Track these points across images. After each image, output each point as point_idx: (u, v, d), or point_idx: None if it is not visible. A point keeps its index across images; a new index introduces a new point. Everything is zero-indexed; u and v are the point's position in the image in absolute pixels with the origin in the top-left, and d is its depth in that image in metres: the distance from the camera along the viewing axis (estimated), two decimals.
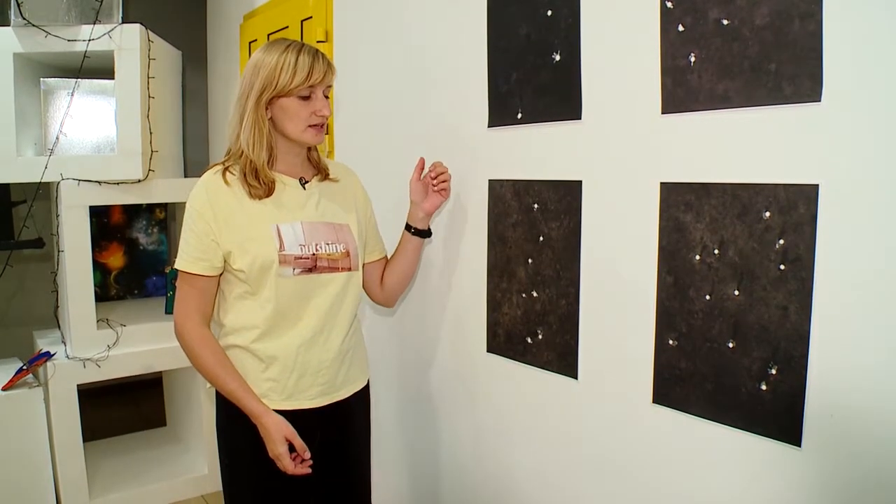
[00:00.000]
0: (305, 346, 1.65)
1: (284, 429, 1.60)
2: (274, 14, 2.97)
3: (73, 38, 2.78)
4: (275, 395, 1.65)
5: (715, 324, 1.34)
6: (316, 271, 1.64)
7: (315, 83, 1.59)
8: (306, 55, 1.58)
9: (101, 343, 2.93)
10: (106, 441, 3.59)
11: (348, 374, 1.77)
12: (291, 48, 1.58)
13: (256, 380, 1.64)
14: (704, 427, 1.38)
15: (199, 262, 1.60)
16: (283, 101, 1.59)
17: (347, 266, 1.70)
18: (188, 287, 1.63)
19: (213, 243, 1.59)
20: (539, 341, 1.74)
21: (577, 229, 1.61)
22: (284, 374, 1.64)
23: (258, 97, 1.58)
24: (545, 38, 1.65)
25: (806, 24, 1.15)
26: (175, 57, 3.47)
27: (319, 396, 1.70)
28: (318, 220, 1.68)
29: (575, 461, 1.68)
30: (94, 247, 3.15)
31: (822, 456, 1.19)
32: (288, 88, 1.56)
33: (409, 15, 2.14)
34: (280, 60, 1.56)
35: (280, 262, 1.59)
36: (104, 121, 2.99)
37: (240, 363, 1.65)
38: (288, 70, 1.55)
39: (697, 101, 1.33)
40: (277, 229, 1.61)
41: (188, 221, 1.62)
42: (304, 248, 1.63)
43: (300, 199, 1.68)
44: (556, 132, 1.65)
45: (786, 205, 1.20)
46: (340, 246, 1.69)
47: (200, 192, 1.62)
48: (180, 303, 1.64)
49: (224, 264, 1.63)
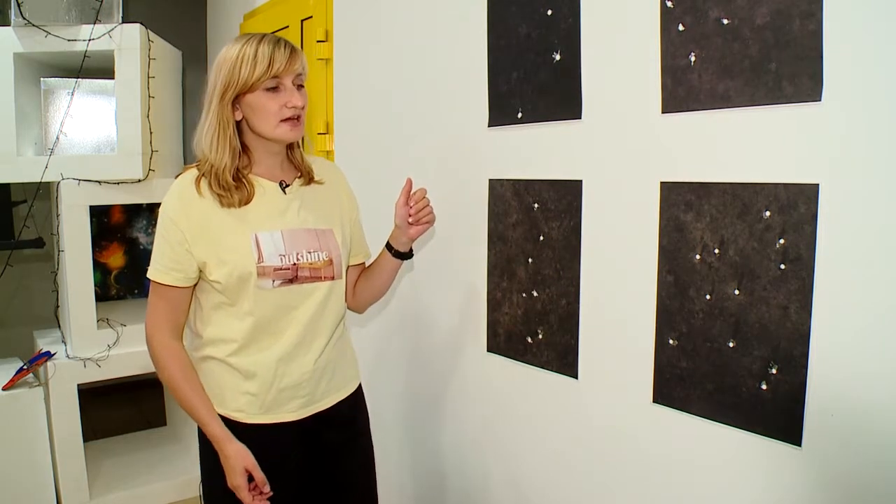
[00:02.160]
0: (285, 360, 1.56)
1: (245, 459, 1.51)
2: (274, 14, 2.97)
3: (74, 38, 2.78)
4: (252, 409, 1.57)
5: (715, 323, 1.34)
6: (297, 282, 1.55)
7: (279, 72, 1.47)
8: (267, 45, 1.48)
9: (102, 343, 2.93)
10: (106, 441, 3.60)
11: (331, 383, 1.67)
12: (251, 40, 1.48)
13: (233, 393, 1.56)
14: (705, 427, 1.38)
15: (171, 272, 1.52)
16: (249, 97, 1.48)
17: (330, 275, 1.61)
18: (159, 298, 1.55)
19: (186, 253, 1.51)
20: (539, 341, 1.74)
21: (578, 229, 1.61)
22: (263, 388, 1.56)
23: (221, 96, 1.48)
24: (545, 37, 1.65)
25: (806, 24, 1.15)
26: (175, 57, 3.47)
27: (300, 409, 1.61)
28: (299, 226, 1.58)
29: (575, 460, 1.68)
30: (95, 246, 3.15)
31: (822, 455, 1.19)
32: (251, 82, 1.46)
33: (409, 14, 2.14)
34: (240, 54, 1.47)
35: (259, 274, 1.50)
36: (104, 120, 2.99)
37: (216, 376, 1.58)
38: (248, 62, 1.46)
39: (698, 101, 1.33)
40: (256, 239, 1.52)
41: (160, 229, 1.53)
42: (284, 258, 1.54)
43: (280, 205, 1.58)
44: (556, 132, 1.65)
45: (786, 204, 1.20)
46: (323, 254, 1.59)
47: (173, 199, 1.53)
48: (151, 314, 1.56)
49: (199, 274, 1.54)
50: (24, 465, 2.74)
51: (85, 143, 2.98)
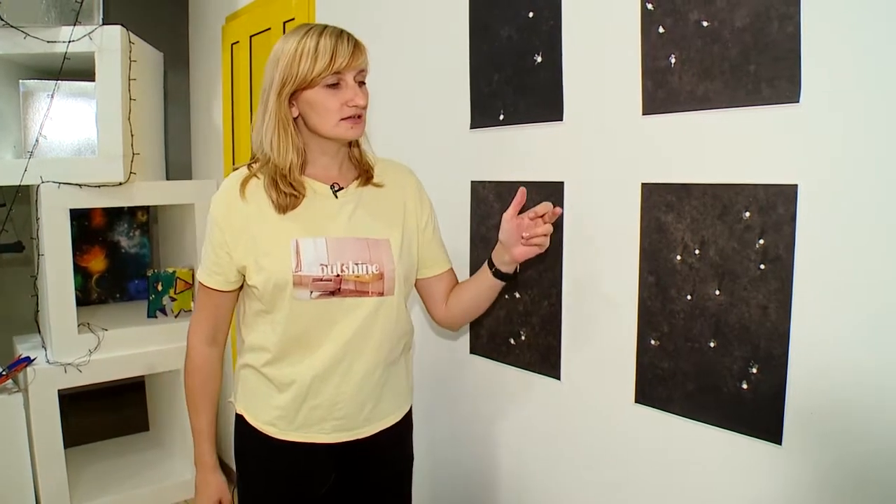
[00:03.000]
0: (321, 378, 1.45)
1: (223, 494, 1.53)
2: (256, 15, 2.96)
3: (53, 40, 2.75)
4: (283, 423, 1.49)
5: (696, 323, 1.35)
6: (339, 295, 1.42)
7: (341, 68, 1.36)
8: (328, 37, 1.36)
9: (83, 347, 2.90)
10: (88, 447, 3.56)
11: (375, 409, 1.53)
12: (312, 32, 1.37)
13: (266, 406, 1.50)
14: (686, 426, 1.39)
15: (214, 275, 1.48)
16: (308, 93, 1.37)
17: (379, 290, 1.45)
18: (204, 298, 1.52)
19: (227, 256, 1.45)
20: (522, 342, 1.74)
21: (559, 230, 1.61)
22: (295, 403, 1.47)
23: (279, 92, 1.38)
24: (527, 39, 1.65)
25: (784, 26, 1.16)
26: (157, 59, 3.45)
27: (336, 432, 1.50)
28: (348, 234, 1.45)
29: (558, 461, 1.69)
30: (75, 250, 3.13)
31: (802, 454, 1.20)
32: (310, 78, 1.35)
33: (391, 17, 2.14)
34: (299, 47, 1.35)
35: (294, 283, 1.40)
36: (85, 123, 2.96)
37: (251, 385, 1.53)
38: (308, 56, 1.34)
39: (678, 103, 1.34)
40: (297, 245, 1.41)
41: (207, 229, 1.49)
42: (326, 268, 1.41)
43: (330, 210, 1.46)
44: (537, 133, 1.66)
45: (765, 205, 1.21)
46: (373, 267, 1.44)
47: (219, 199, 1.46)
48: (194, 313, 1.55)
49: (241, 279, 1.48)
50: (3, 472, 2.70)
51: (65, 146, 2.95)
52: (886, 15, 1.05)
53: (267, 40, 2.84)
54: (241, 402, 1.57)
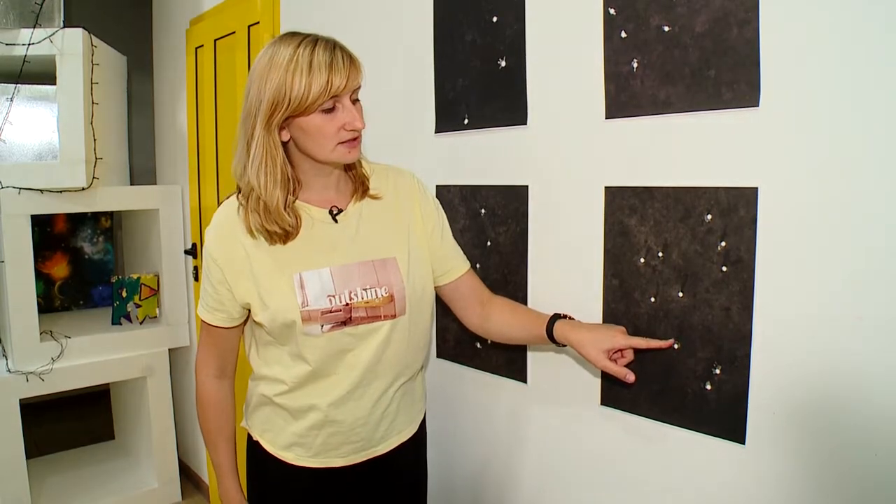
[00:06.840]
0: (336, 405, 1.41)
1: None
2: (221, 19, 2.93)
3: (12, 42, 2.70)
4: (300, 450, 1.46)
5: (660, 325, 1.36)
6: (351, 324, 1.36)
7: (339, 92, 1.24)
8: (322, 53, 1.23)
9: (45, 356, 2.85)
10: (51, 457, 3.50)
11: (391, 426, 1.50)
12: (303, 48, 1.23)
13: (282, 433, 1.46)
14: (652, 427, 1.40)
15: (215, 312, 1.41)
16: (301, 120, 1.25)
17: (391, 313, 1.39)
18: (208, 336, 1.46)
19: (228, 293, 1.37)
20: (488, 346, 1.74)
21: (524, 234, 1.62)
22: (312, 431, 1.43)
23: (267, 120, 1.25)
24: (491, 44, 1.66)
25: (744, 32, 1.18)
26: (120, 62, 3.40)
27: (353, 454, 1.47)
28: (352, 260, 1.38)
29: (524, 462, 1.69)
30: (37, 257, 3.08)
31: (765, 452, 1.21)
32: (305, 105, 1.22)
33: (356, 21, 2.13)
34: (290, 66, 1.21)
35: (303, 319, 1.32)
36: (46, 127, 2.92)
37: (267, 413, 1.48)
38: (301, 79, 1.20)
39: (640, 107, 1.35)
40: (300, 279, 1.33)
41: (203, 265, 1.41)
42: (335, 298, 1.34)
43: (331, 237, 1.38)
44: (502, 137, 1.66)
45: (727, 207, 1.23)
46: (382, 290, 1.38)
47: (214, 235, 1.38)
48: (200, 349, 1.49)
49: (246, 313, 1.42)
50: None
51: (26, 151, 2.90)
52: (844, 20, 1.06)
53: (232, 44, 2.82)
54: (256, 429, 1.52)
